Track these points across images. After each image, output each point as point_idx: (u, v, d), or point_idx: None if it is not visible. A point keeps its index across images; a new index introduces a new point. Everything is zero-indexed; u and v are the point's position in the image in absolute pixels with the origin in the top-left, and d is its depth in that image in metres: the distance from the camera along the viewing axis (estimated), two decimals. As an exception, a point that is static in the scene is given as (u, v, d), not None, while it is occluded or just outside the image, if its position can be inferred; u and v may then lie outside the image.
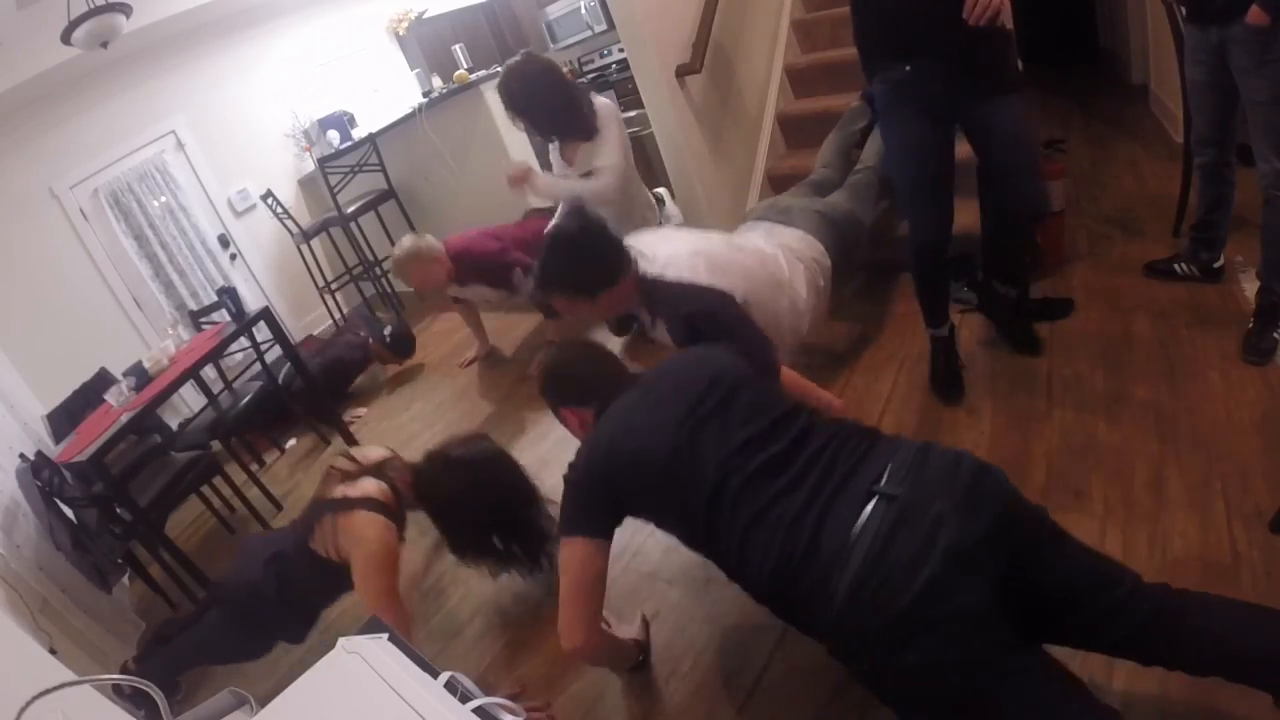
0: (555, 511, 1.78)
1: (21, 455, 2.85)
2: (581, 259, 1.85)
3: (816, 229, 2.22)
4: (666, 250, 1.97)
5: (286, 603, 1.78)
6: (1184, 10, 1.91)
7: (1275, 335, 1.79)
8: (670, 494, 1.24)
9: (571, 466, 1.37)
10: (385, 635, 0.91)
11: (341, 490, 1.76)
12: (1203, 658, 1.03)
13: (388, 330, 3.89)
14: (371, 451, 1.94)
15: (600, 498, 1.34)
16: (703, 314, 1.80)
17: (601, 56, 5.85)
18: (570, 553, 1.36)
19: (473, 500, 1.82)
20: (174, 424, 3.86)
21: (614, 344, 3.00)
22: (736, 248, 2.09)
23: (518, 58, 2.70)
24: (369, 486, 1.76)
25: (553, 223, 1.90)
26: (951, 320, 2.09)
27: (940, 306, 2.06)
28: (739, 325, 1.81)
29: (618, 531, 2.05)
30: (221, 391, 3.55)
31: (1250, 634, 1.01)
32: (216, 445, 3.35)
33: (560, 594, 1.36)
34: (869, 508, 1.03)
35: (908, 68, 1.77)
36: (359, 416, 3.60)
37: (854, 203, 2.39)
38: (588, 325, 3.16)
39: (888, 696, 1.09)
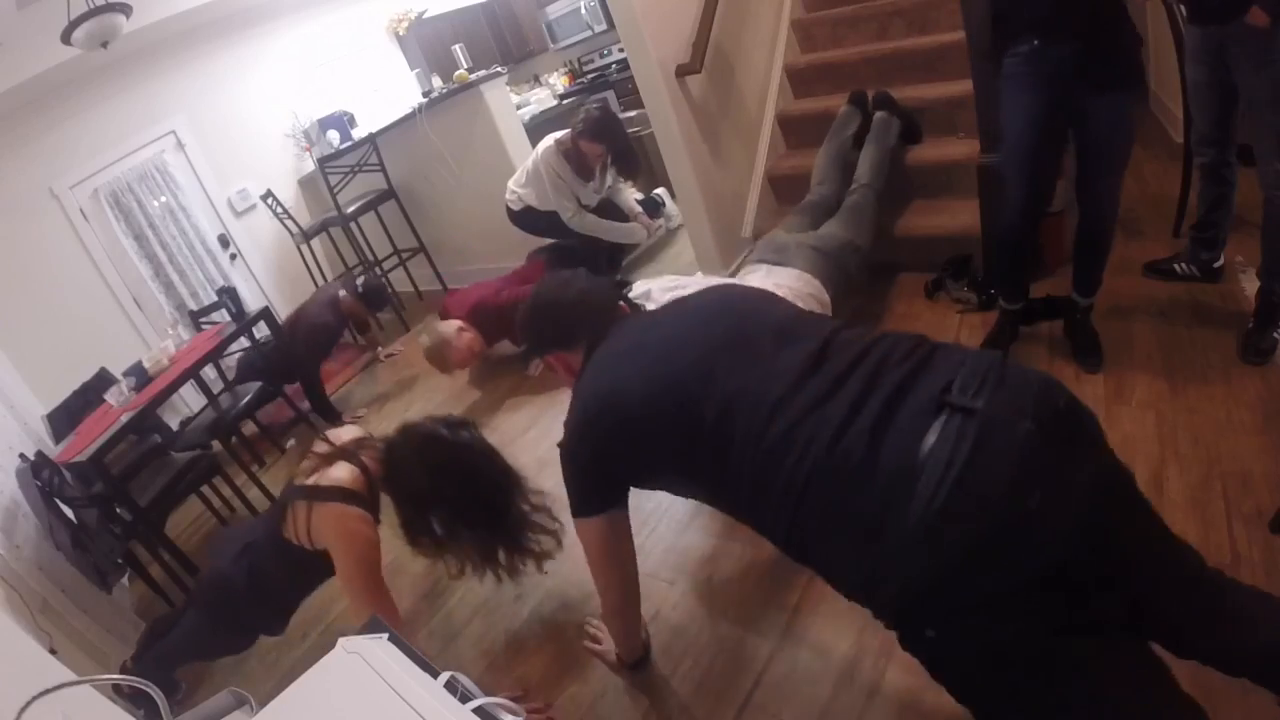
0: (537, 500, 1.79)
1: (21, 455, 2.85)
2: (560, 317, 1.68)
3: (812, 265, 2.26)
4: (669, 295, 1.99)
5: (258, 593, 1.74)
6: (1185, 10, 1.91)
7: (1275, 335, 1.79)
8: (673, 436, 1.06)
9: (564, 436, 1.25)
10: (385, 635, 0.92)
11: (314, 477, 1.68)
12: (1245, 652, 0.94)
13: (359, 281, 3.87)
14: (345, 432, 1.87)
15: (599, 471, 1.24)
16: None
17: (601, 56, 5.86)
18: (586, 532, 1.33)
19: (440, 486, 1.67)
20: (174, 424, 3.86)
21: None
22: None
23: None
24: (340, 473, 1.67)
25: (536, 284, 1.90)
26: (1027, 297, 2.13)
27: (1021, 282, 2.11)
28: None
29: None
30: (221, 391, 3.56)
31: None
32: (216, 445, 3.35)
33: (590, 567, 1.42)
34: (938, 422, 0.83)
35: (1036, 42, 1.77)
36: (359, 417, 3.60)
37: (850, 230, 2.41)
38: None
39: (946, 665, 0.90)
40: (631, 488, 1.31)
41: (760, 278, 2.24)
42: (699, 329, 1.13)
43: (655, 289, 2.11)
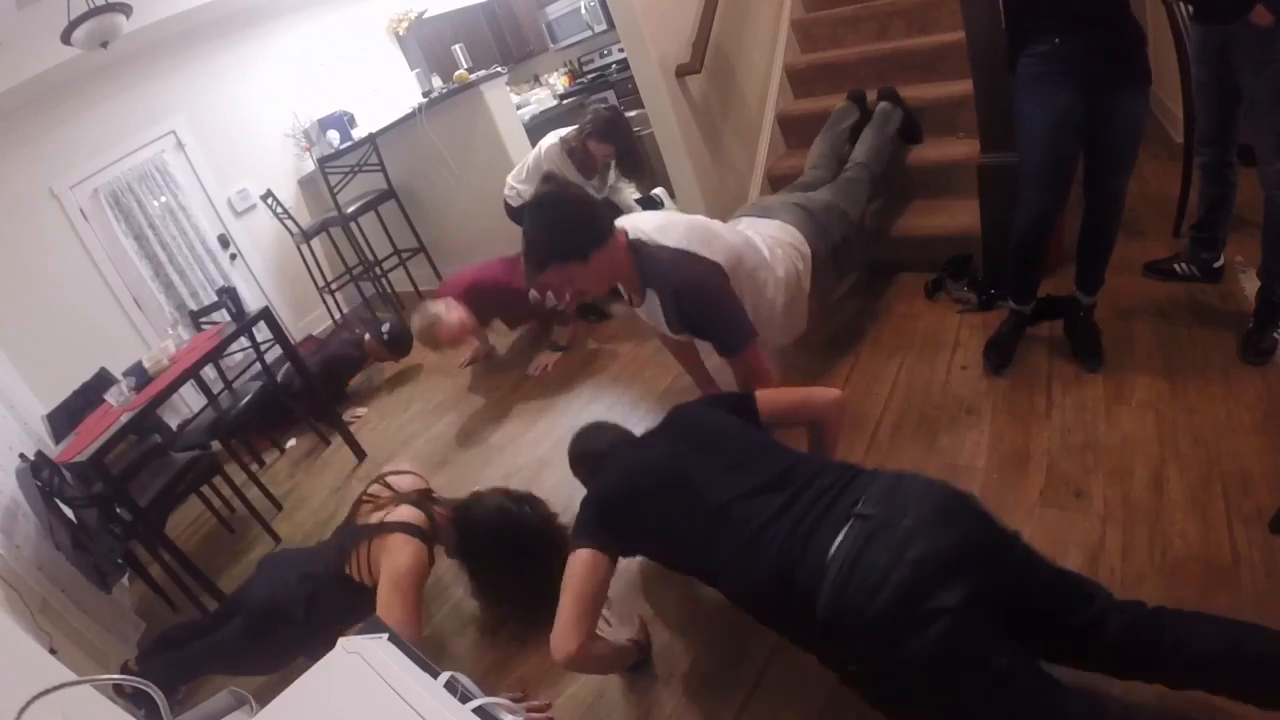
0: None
1: (21, 455, 2.85)
2: (566, 219, 1.82)
3: (795, 220, 2.25)
4: (658, 220, 1.99)
5: (313, 625, 1.77)
6: (1190, 9, 1.91)
7: (1275, 335, 1.79)
8: (672, 517, 1.37)
9: (587, 490, 1.58)
10: (385, 635, 0.92)
11: (378, 516, 1.80)
12: (1178, 672, 1.08)
13: (385, 328, 3.88)
14: (406, 479, 1.98)
15: (609, 520, 1.46)
16: (691, 286, 1.84)
17: (601, 56, 5.85)
18: (575, 562, 1.42)
19: (508, 556, 1.82)
20: (174, 424, 3.86)
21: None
22: (721, 225, 2.12)
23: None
24: (406, 513, 1.80)
25: (533, 193, 1.93)
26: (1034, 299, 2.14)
27: (1034, 283, 2.10)
28: (722, 302, 1.86)
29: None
30: (221, 391, 3.55)
31: (1222, 646, 1.04)
32: (216, 445, 3.35)
33: (560, 603, 1.38)
34: (845, 528, 1.14)
35: (1056, 40, 1.76)
36: (359, 416, 3.61)
37: (838, 196, 2.40)
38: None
39: (876, 694, 1.14)
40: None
41: (744, 226, 2.22)
42: (686, 445, 1.48)
43: (636, 216, 2.08)
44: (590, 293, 2.04)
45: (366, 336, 3.90)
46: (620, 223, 1.97)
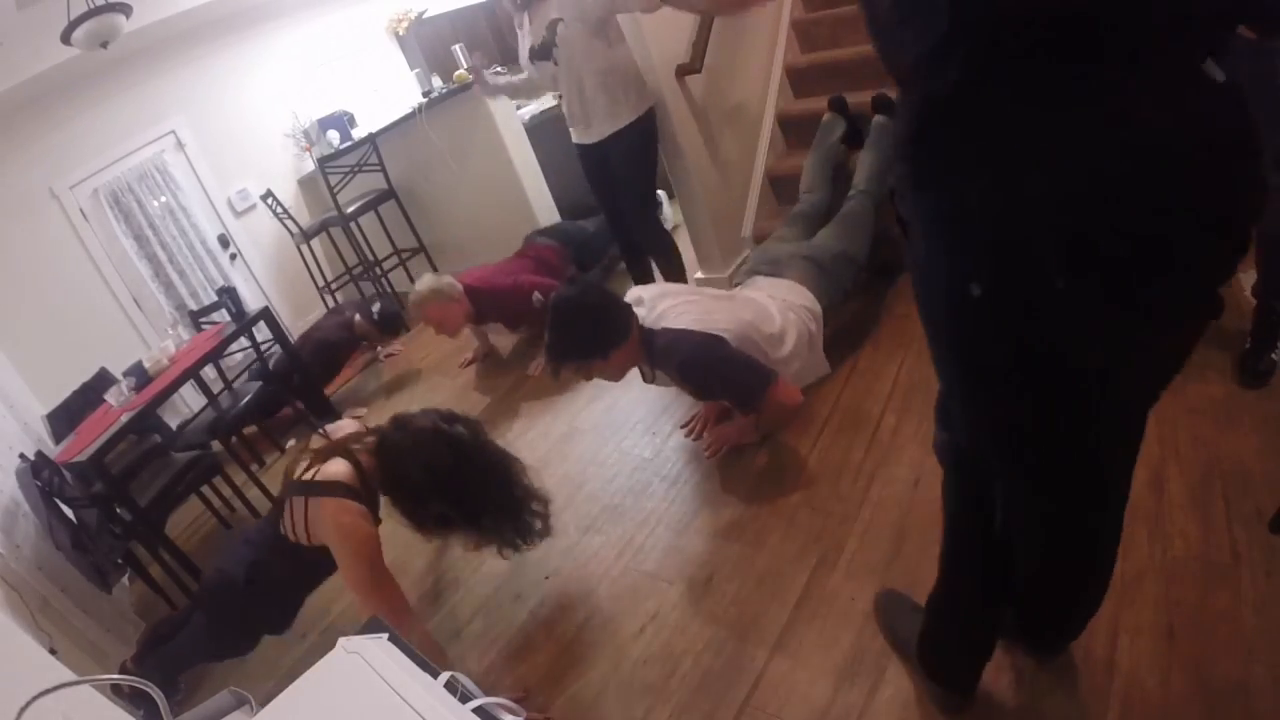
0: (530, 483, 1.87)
1: (21, 455, 2.85)
2: (589, 324, 1.94)
3: (806, 277, 2.29)
4: (666, 304, 2.08)
5: (260, 592, 1.75)
6: None
7: (1273, 356, 1.74)
8: None
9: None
10: (385, 635, 0.91)
11: (310, 472, 1.67)
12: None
13: (375, 307, 3.88)
14: (343, 427, 1.90)
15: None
16: (691, 362, 1.93)
17: (601, 56, 5.84)
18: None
19: (435, 481, 1.68)
20: (174, 424, 3.86)
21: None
22: (728, 297, 2.21)
23: None
24: (336, 468, 1.66)
25: (553, 295, 2.03)
26: None
27: None
28: (728, 366, 1.93)
29: (617, 530, 2.06)
30: (221, 391, 3.55)
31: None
32: (216, 445, 3.35)
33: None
34: None
35: None
36: (358, 416, 3.60)
37: (844, 240, 2.43)
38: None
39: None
40: None
41: (756, 290, 2.29)
42: None
43: (647, 296, 2.16)
44: (606, 379, 2.14)
45: (357, 317, 3.88)
46: (633, 294, 2.12)
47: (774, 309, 2.17)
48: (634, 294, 2.19)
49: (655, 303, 2.10)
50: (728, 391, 2.02)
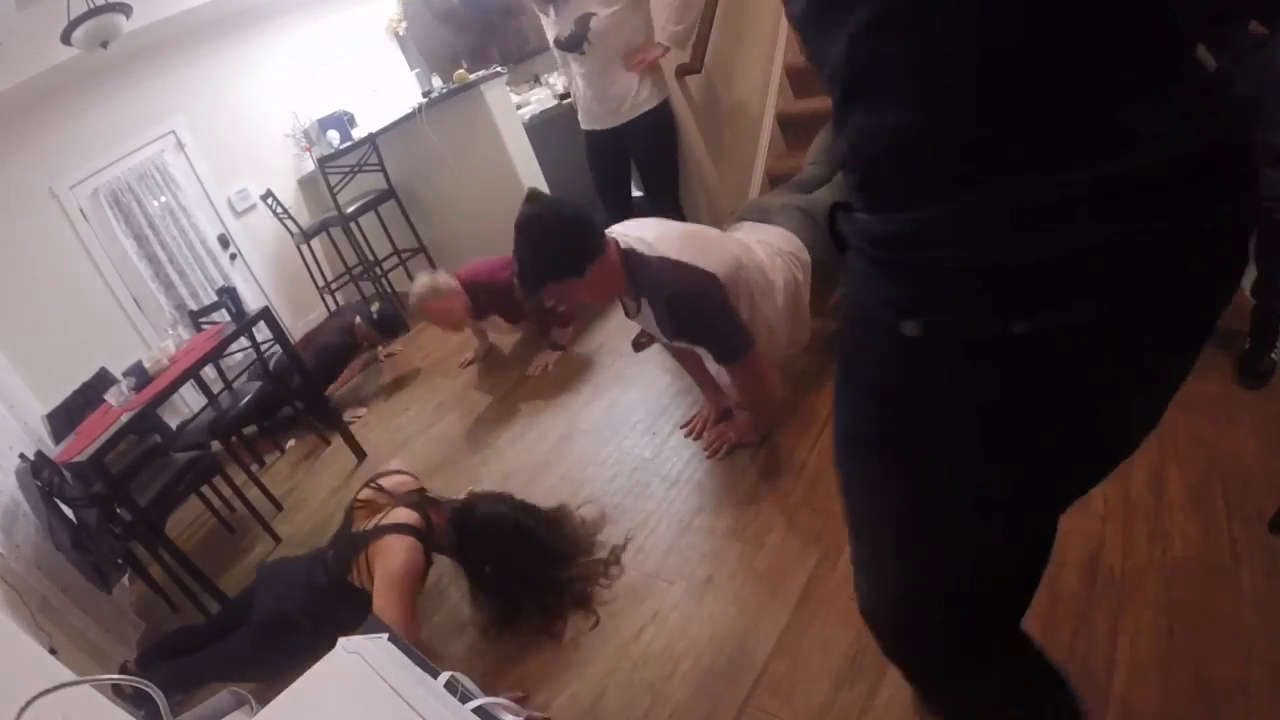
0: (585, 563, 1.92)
1: (21, 455, 2.85)
2: (558, 236, 1.82)
3: (796, 225, 2.20)
4: (652, 229, 1.99)
5: (322, 635, 1.77)
6: None
7: (1273, 356, 1.74)
8: None
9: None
10: (385, 635, 0.92)
11: (375, 520, 1.80)
12: None
13: (375, 308, 3.88)
14: (396, 479, 1.98)
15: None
16: (685, 295, 1.82)
17: (601, 56, 5.84)
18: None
19: (510, 557, 1.83)
20: (174, 424, 3.86)
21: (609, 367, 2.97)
22: (718, 236, 2.11)
23: None
24: (401, 514, 1.79)
25: (517, 215, 1.90)
26: None
27: None
28: (718, 311, 1.84)
29: (617, 530, 2.06)
30: (221, 391, 3.55)
31: None
32: (216, 445, 3.35)
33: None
34: None
35: None
36: (359, 416, 3.60)
37: (836, 195, 2.37)
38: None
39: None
40: None
41: (744, 233, 2.19)
42: None
43: (632, 228, 2.07)
44: (591, 303, 2.04)
45: (357, 320, 3.88)
46: (613, 231, 1.97)
47: (760, 251, 2.05)
48: (621, 226, 2.08)
49: (642, 232, 1.98)
50: (712, 338, 1.90)
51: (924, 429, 0.64)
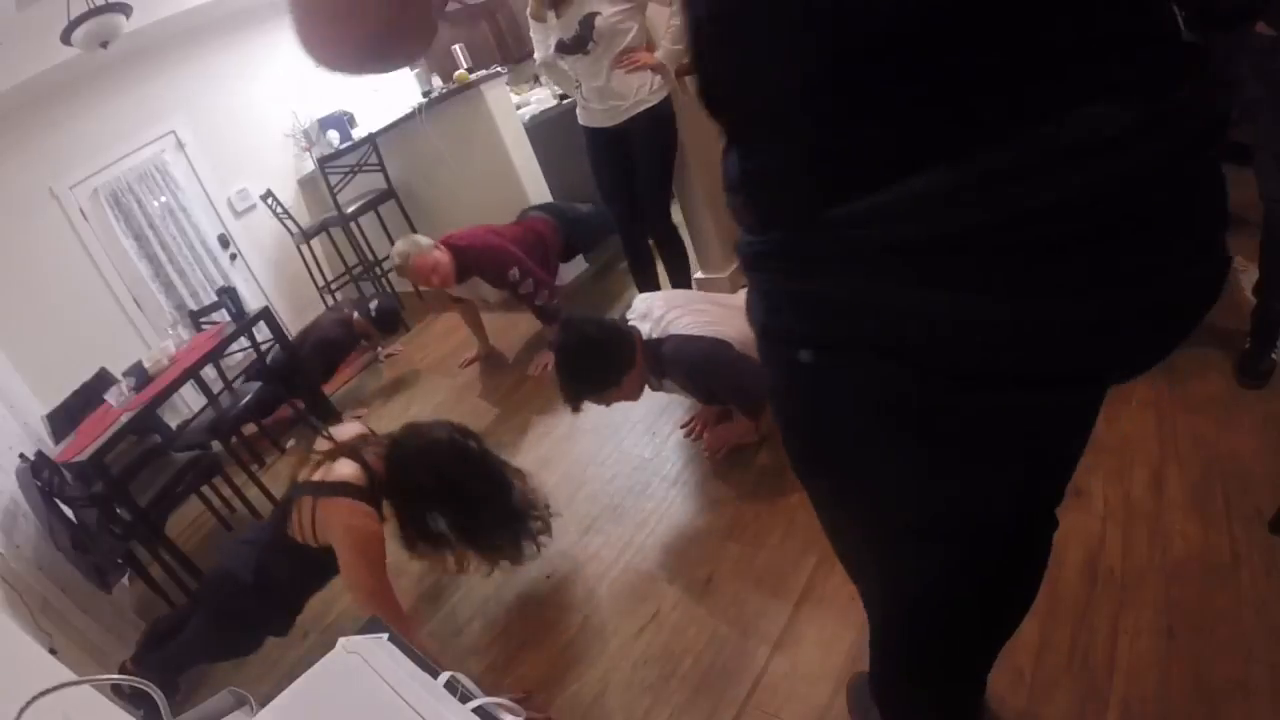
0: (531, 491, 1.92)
1: (21, 455, 2.85)
2: (593, 360, 1.97)
3: None
4: (672, 314, 2.10)
5: (264, 592, 1.75)
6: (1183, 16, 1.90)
7: (1274, 356, 1.74)
8: None
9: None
10: (385, 635, 0.92)
11: (319, 473, 1.70)
12: None
13: (373, 304, 3.88)
14: (348, 429, 1.90)
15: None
16: (699, 366, 1.95)
17: (601, 56, 5.83)
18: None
19: (443, 489, 1.72)
20: (174, 424, 3.86)
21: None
22: (733, 305, 2.20)
23: None
24: (345, 470, 1.69)
25: (551, 341, 2.11)
26: None
27: None
28: (734, 368, 1.93)
29: (617, 530, 2.06)
30: (221, 391, 3.55)
31: None
32: (216, 445, 3.35)
33: None
34: None
35: None
36: (359, 417, 3.60)
37: None
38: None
39: None
40: None
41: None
42: None
43: (655, 308, 2.15)
44: (624, 400, 2.15)
45: (355, 315, 3.88)
46: (636, 307, 2.15)
47: None
48: (642, 303, 2.20)
49: (663, 313, 2.11)
50: (734, 394, 2.03)
51: (846, 447, 0.64)
